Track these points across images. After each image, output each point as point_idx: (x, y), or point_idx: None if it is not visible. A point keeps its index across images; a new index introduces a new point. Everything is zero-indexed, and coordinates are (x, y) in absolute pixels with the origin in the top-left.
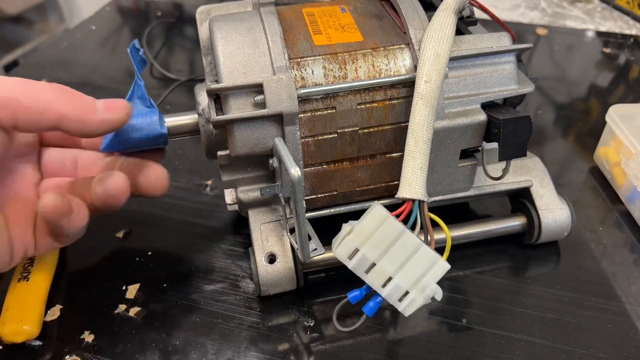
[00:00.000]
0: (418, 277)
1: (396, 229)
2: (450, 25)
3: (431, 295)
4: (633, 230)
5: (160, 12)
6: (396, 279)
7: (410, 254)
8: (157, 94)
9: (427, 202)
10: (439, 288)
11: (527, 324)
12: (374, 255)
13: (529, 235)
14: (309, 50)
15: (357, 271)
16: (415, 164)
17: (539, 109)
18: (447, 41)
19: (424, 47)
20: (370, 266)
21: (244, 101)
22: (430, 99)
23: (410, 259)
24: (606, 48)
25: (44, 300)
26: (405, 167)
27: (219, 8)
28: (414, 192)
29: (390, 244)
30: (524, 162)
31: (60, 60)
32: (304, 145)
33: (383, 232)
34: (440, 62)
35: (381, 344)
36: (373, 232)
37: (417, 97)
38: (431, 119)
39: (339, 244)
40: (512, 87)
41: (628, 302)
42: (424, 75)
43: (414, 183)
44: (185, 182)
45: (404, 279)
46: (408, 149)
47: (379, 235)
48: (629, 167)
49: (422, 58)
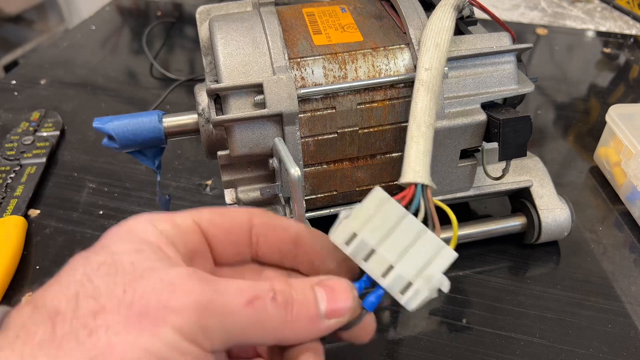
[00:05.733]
0: (422, 266)
1: (398, 212)
2: (449, 18)
3: (437, 286)
4: (633, 230)
5: (160, 12)
6: (398, 268)
7: (413, 240)
8: (157, 94)
9: (431, 187)
10: (445, 279)
11: (527, 323)
12: (373, 241)
13: (529, 235)
14: (308, 50)
15: (355, 258)
16: (419, 148)
17: (539, 109)
18: (446, 32)
19: (424, 38)
20: (369, 253)
21: (244, 101)
22: (431, 85)
23: (413, 245)
24: (606, 48)
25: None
26: (408, 151)
27: (219, 8)
28: (418, 176)
29: (391, 229)
30: (524, 162)
31: (60, 60)
32: (304, 145)
33: (383, 215)
34: (441, 51)
35: (381, 344)
36: (373, 215)
37: (418, 84)
38: (433, 105)
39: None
40: (512, 87)
41: (628, 302)
42: (424, 63)
43: (417, 167)
44: (185, 182)
45: (406, 267)
46: (411, 134)
47: (379, 218)
48: (628, 167)
49: (423, 48)
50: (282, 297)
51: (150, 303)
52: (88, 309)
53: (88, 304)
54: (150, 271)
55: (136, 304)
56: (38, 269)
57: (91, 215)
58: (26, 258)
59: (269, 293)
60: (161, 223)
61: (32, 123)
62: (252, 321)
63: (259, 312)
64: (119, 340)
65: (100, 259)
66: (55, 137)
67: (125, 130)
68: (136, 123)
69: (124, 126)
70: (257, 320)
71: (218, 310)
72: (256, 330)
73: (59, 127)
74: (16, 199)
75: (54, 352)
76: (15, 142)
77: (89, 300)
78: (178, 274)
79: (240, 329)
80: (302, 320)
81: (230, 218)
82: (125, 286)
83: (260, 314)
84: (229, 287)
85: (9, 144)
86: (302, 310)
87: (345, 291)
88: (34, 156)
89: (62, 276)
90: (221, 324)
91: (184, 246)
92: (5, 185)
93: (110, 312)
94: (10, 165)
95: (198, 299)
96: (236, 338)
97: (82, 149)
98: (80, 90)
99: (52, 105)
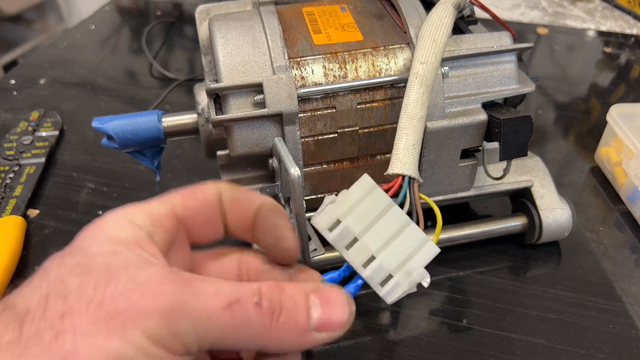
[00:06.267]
0: (404, 259)
1: (383, 201)
2: (448, 15)
3: (417, 280)
4: (634, 230)
5: (159, 11)
6: (379, 259)
7: (396, 232)
8: (156, 94)
9: (418, 181)
10: (427, 273)
11: (527, 324)
12: (357, 229)
13: (530, 235)
14: (308, 50)
15: (336, 245)
16: (408, 140)
17: (540, 108)
18: (444, 29)
19: (422, 33)
20: (352, 241)
21: (244, 101)
22: (425, 79)
23: (397, 237)
24: (607, 47)
25: None
26: (397, 143)
27: (218, 7)
28: (406, 168)
29: (375, 218)
30: (525, 162)
31: (59, 60)
32: (304, 145)
33: (369, 203)
34: (438, 46)
35: (381, 344)
36: (358, 202)
37: (412, 77)
38: (425, 98)
39: (320, 212)
40: (512, 86)
41: (629, 302)
42: (420, 57)
43: (405, 159)
44: (185, 182)
45: (388, 259)
46: (401, 126)
47: (365, 206)
48: (629, 167)
49: (420, 43)
50: (268, 303)
51: (119, 304)
52: (57, 310)
53: (57, 305)
54: (122, 271)
55: (105, 306)
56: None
57: (90, 215)
58: (25, 258)
59: (253, 297)
60: (137, 217)
61: (31, 123)
62: (230, 327)
63: (238, 317)
64: (85, 345)
65: (75, 261)
66: (54, 137)
67: (124, 130)
68: (136, 123)
69: (123, 126)
70: (235, 326)
71: (191, 314)
72: (235, 336)
73: (58, 127)
74: (15, 199)
75: (18, 353)
76: (15, 142)
77: (59, 301)
78: (150, 275)
79: (216, 334)
80: (288, 331)
81: (202, 198)
82: (96, 286)
83: (240, 319)
84: (207, 288)
85: (8, 144)
86: (290, 321)
87: (342, 303)
88: (33, 156)
89: (35, 277)
90: (194, 329)
91: (162, 238)
92: (5, 185)
93: (78, 314)
94: (9, 165)
95: (169, 302)
96: (212, 343)
97: (82, 148)
98: (80, 90)
99: (52, 105)
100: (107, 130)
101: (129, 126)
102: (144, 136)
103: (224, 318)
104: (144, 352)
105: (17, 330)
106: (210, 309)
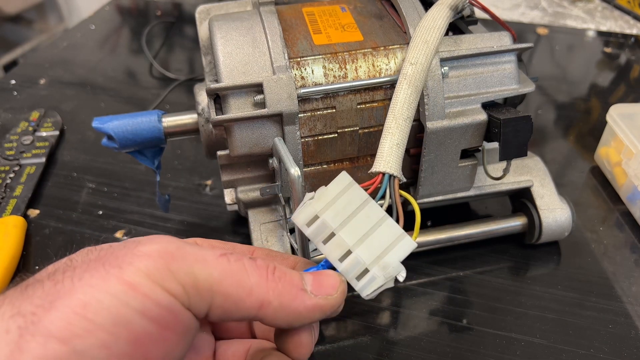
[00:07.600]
0: (380, 254)
1: (361, 197)
2: (442, 17)
3: (393, 274)
4: (634, 230)
5: (159, 11)
6: (355, 253)
7: (373, 227)
8: (156, 94)
9: (399, 180)
10: (402, 268)
11: (527, 324)
12: (334, 223)
13: (530, 235)
14: (308, 50)
15: (314, 239)
16: (393, 139)
17: (540, 108)
18: (437, 31)
19: (415, 34)
20: (329, 236)
21: (244, 101)
22: (414, 80)
23: (374, 232)
24: (607, 48)
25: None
26: (382, 142)
27: (218, 7)
28: (389, 166)
29: (353, 213)
30: (525, 162)
31: (59, 60)
32: (304, 145)
33: (346, 199)
34: (429, 48)
35: (381, 344)
36: (336, 199)
37: (401, 78)
38: (413, 99)
39: (299, 209)
40: (512, 86)
41: (629, 303)
42: (410, 58)
43: (389, 157)
44: (185, 182)
45: (364, 253)
46: (387, 126)
47: (342, 202)
48: (629, 167)
49: (412, 44)
50: (262, 260)
51: (117, 253)
52: (61, 272)
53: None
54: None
55: (103, 257)
56: (38, 269)
57: (90, 215)
58: (26, 258)
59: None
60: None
61: (31, 123)
62: (227, 273)
63: (234, 264)
64: (81, 285)
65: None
66: (54, 137)
67: (124, 130)
68: (136, 123)
69: (123, 126)
70: (232, 272)
71: (188, 257)
72: (232, 282)
73: (59, 126)
74: (15, 199)
75: (16, 296)
76: (15, 142)
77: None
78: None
79: (213, 278)
80: (285, 284)
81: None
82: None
83: (236, 266)
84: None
85: (8, 144)
86: (285, 276)
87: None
88: (34, 156)
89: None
90: (191, 268)
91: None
92: (5, 185)
93: (79, 267)
94: (9, 165)
95: (166, 246)
96: (210, 291)
97: (82, 148)
98: (80, 90)
99: (52, 105)
100: (107, 130)
101: (129, 126)
102: (144, 136)
103: (220, 263)
104: (140, 290)
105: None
106: (206, 255)
